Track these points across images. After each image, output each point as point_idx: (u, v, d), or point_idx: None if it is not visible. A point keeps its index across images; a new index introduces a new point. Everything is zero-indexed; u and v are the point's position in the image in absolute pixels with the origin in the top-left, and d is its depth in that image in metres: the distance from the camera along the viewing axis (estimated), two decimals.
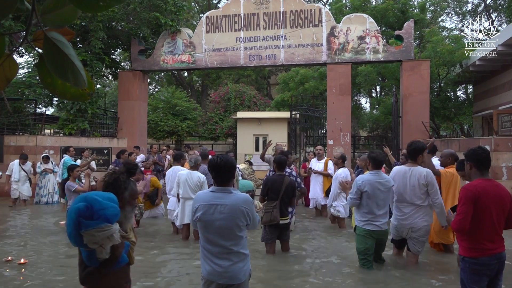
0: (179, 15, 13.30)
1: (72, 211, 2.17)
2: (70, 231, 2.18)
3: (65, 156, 9.47)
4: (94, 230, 2.13)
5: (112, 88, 31.85)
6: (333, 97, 11.97)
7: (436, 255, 5.50)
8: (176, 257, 5.62)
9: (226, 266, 2.67)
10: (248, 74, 26.92)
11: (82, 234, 2.14)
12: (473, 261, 3.06)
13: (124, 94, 13.46)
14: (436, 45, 15.03)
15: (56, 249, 5.93)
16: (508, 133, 10.72)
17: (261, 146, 18.80)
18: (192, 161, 6.54)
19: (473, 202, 3.01)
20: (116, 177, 2.49)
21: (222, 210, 2.66)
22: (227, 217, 2.65)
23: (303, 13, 12.20)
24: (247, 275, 2.76)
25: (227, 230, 2.66)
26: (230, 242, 2.68)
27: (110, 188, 2.45)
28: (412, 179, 4.74)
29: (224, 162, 2.74)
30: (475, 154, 3.16)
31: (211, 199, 2.71)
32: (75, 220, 2.13)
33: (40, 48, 1.11)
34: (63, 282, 4.50)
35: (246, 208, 2.69)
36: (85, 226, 2.13)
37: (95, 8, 1.04)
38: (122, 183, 2.49)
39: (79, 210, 2.14)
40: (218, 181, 2.77)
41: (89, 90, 1.18)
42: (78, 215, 2.14)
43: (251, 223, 2.76)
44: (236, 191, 2.77)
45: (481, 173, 3.16)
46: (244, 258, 2.74)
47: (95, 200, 2.20)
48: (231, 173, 2.77)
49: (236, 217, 2.65)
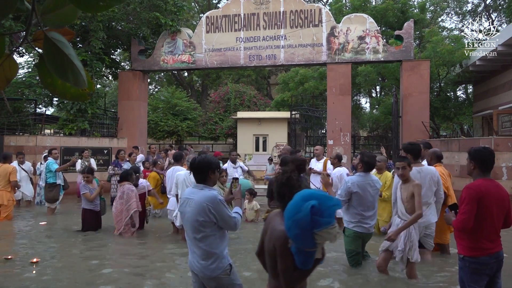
0: (179, 15, 13.31)
1: (306, 210, 1.99)
2: (298, 232, 2.01)
3: (48, 158, 9.07)
4: (328, 228, 2.01)
5: (112, 88, 31.84)
6: (333, 97, 11.97)
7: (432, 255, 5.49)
8: (176, 257, 5.62)
9: (197, 259, 2.85)
10: (248, 74, 26.91)
11: (316, 233, 2.00)
12: (473, 260, 3.07)
13: (124, 94, 13.46)
14: (436, 45, 15.03)
15: (65, 248, 5.96)
16: (508, 133, 10.72)
17: (261, 146, 18.80)
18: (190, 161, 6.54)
19: (476, 201, 3.02)
20: (288, 176, 2.37)
21: (190, 204, 2.84)
22: (191, 211, 2.81)
23: (303, 13, 12.21)
24: (219, 272, 2.80)
25: (192, 223, 2.81)
26: (196, 235, 2.81)
27: (284, 188, 2.35)
28: (426, 178, 4.82)
29: (197, 163, 2.94)
30: (480, 155, 3.14)
31: (188, 193, 2.94)
32: (310, 219, 1.98)
33: (40, 48, 1.11)
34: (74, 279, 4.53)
35: (208, 205, 2.75)
36: (320, 225, 1.99)
37: (95, 8, 1.04)
38: (295, 181, 2.36)
39: (314, 208, 1.99)
40: (195, 178, 2.96)
41: (89, 90, 1.18)
42: (313, 213, 1.98)
43: (220, 221, 2.79)
44: (209, 188, 2.88)
45: (483, 174, 3.15)
46: (211, 256, 2.80)
47: (324, 197, 2.08)
48: (203, 172, 2.90)
49: (197, 213, 2.77)
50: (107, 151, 12.82)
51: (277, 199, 2.40)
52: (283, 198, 2.31)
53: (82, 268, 4.96)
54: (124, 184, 6.79)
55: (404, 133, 11.53)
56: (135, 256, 5.58)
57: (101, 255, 5.63)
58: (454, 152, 9.78)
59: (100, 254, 5.68)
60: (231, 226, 2.85)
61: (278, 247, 2.16)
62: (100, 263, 5.20)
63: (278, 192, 2.36)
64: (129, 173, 6.99)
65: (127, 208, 6.60)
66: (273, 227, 2.27)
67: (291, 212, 2.06)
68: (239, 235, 6.85)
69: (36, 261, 5.20)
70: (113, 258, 5.56)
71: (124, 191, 6.68)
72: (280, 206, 2.38)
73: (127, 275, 4.71)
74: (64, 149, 11.85)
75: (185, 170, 6.55)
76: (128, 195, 6.64)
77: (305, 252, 2.07)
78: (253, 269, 4.84)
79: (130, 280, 4.55)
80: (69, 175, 10.28)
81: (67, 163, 9.21)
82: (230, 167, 8.99)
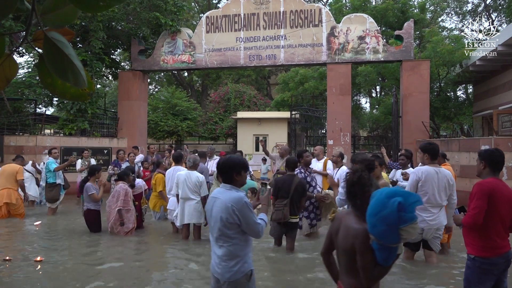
0: (179, 15, 13.31)
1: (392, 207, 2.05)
2: (385, 228, 2.06)
3: (49, 158, 9.11)
4: (413, 223, 2.05)
5: (112, 88, 31.85)
6: (333, 97, 11.97)
7: None
8: (177, 257, 5.63)
9: (218, 261, 2.78)
10: (248, 74, 26.92)
11: (401, 229, 2.05)
12: (484, 260, 3.06)
13: (124, 94, 13.46)
14: (436, 45, 15.03)
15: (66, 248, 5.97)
16: (508, 133, 10.72)
17: (261, 146, 18.82)
18: (191, 161, 6.54)
19: (487, 197, 3.05)
20: (359, 175, 2.39)
21: (216, 204, 2.80)
22: (217, 210, 2.78)
23: (303, 13, 12.21)
24: (240, 276, 2.74)
25: (216, 223, 2.78)
26: (219, 235, 2.77)
27: (356, 186, 2.36)
28: (443, 179, 4.76)
29: (221, 163, 2.89)
30: (491, 155, 3.20)
31: (216, 193, 2.89)
32: (397, 215, 2.03)
33: (40, 48, 1.11)
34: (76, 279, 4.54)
35: (233, 206, 2.71)
36: (405, 221, 2.04)
37: (95, 8, 1.04)
38: (366, 180, 2.38)
39: (400, 204, 2.04)
40: (222, 178, 2.91)
41: (89, 90, 1.18)
42: (399, 209, 2.03)
43: (244, 224, 2.72)
44: (236, 190, 2.82)
45: (493, 174, 3.21)
46: (234, 258, 2.74)
47: (407, 193, 2.12)
48: (227, 173, 2.84)
49: (222, 213, 2.74)
50: (107, 151, 12.82)
51: (348, 198, 2.43)
52: (354, 197, 2.36)
53: (82, 268, 4.96)
54: (119, 183, 6.83)
55: (404, 133, 11.53)
56: (135, 255, 5.58)
57: (102, 255, 5.63)
58: (454, 152, 9.78)
59: (100, 254, 5.69)
60: (255, 232, 2.77)
61: (358, 245, 2.20)
62: (101, 263, 5.20)
63: (350, 191, 2.39)
64: (126, 173, 7.00)
65: (115, 207, 6.61)
66: (348, 226, 2.31)
67: (375, 210, 2.12)
68: None
69: (40, 259, 5.23)
70: (114, 258, 5.56)
71: (116, 189, 6.73)
72: (351, 205, 2.41)
73: (127, 275, 4.71)
74: (64, 149, 11.85)
75: (186, 170, 6.56)
76: (118, 193, 6.63)
77: (389, 248, 2.12)
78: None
79: (130, 279, 4.55)
80: (70, 175, 10.27)
81: (65, 163, 9.23)
82: None
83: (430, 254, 4.95)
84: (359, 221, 2.27)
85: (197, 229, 6.44)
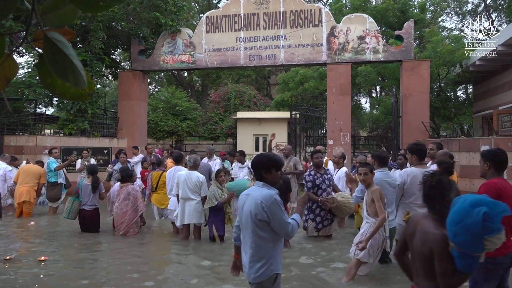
0: (179, 15, 13.30)
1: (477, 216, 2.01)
2: (468, 238, 2.02)
3: (49, 158, 9.22)
4: (499, 234, 2.02)
5: (112, 88, 31.84)
6: (333, 97, 11.97)
7: None
8: (177, 257, 5.63)
9: (246, 260, 2.78)
10: (248, 74, 26.91)
11: (486, 240, 2.02)
12: (490, 260, 3.06)
13: (124, 94, 13.46)
14: (436, 45, 15.03)
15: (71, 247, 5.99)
16: (508, 133, 10.72)
17: (261, 146, 18.80)
18: (191, 161, 6.54)
19: (496, 197, 3.05)
20: (438, 179, 2.34)
21: (247, 201, 2.80)
22: (247, 207, 2.77)
23: (303, 13, 12.20)
24: (264, 278, 2.71)
25: (247, 220, 2.77)
26: (249, 233, 2.75)
27: (434, 190, 2.32)
28: None
29: (253, 161, 2.92)
30: (496, 156, 3.22)
31: (248, 190, 2.90)
32: (482, 225, 1.99)
33: (40, 48, 1.11)
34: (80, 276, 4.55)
35: (262, 202, 2.67)
36: (491, 231, 2.01)
37: (95, 8, 1.04)
38: (446, 184, 2.32)
39: (486, 214, 2.00)
40: (255, 176, 2.93)
41: (89, 90, 1.18)
42: (484, 219, 2.00)
43: (273, 222, 2.68)
44: (267, 187, 2.81)
45: (498, 174, 3.23)
46: (261, 259, 2.71)
47: (493, 203, 2.08)
48: (257, 171, 2.84)
49: (251, 207, 2.73)
50: (107, 151, 12.82)
51: (426, 201, 2.38)
52: (433, 201, 2.32)
53: (86, 268, 4.96)
54: (127, 185, 6.73)
55: (404, 133, 11.53)
56: (136, 255, 5.58)
57: (102, 254, 5.63)
58: (454, 152, 9.76)
59: (101, 253, 5.69)
60: (285, 230, 2.72)
61: (437, 250, 2.18)
62: (101, 262, 5.20)
63: (427, 194, 2.35)
64: (131, 173, 6.94)
65: (135, 209, 6.58)
66: (425, 230, 2.28)
67: (458, 218, 2.08)
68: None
69: (44, 259, 5.25)
70: (114, 257, 5.56)
71: (130, 192, 6.62)
72: (428, 209, 2.37)
73: (127, 274, 4.71)
74: (64, 149, 11.84)
75: (186, 170, 6.56)
76: (135, 196, 6.63)
77: (471, 256, 2.09)
78: None
79: (130, 279, 4.55)
80: (70, 175, 10.27)
81: (65, 162, 9.26)
82: (236, 167, 9.07)
83: None
84: (437, 226, 2.23)
85: (197, 229, 6.43)
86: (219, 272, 4.81)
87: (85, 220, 6.97)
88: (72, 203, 6.87)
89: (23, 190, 8.27)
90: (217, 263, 5.18)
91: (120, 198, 6.65)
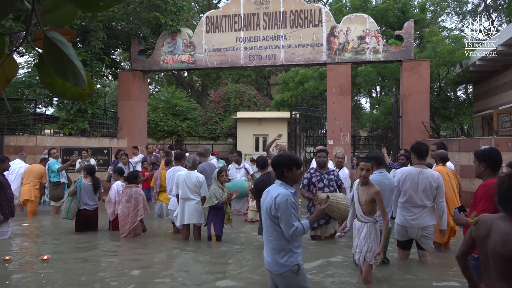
0: (179, 15, 13.30)
1: None
2: None
3: (49, 159, 9.22)
4: None
5: (112, 88, 31.84)
6: (333, 97, 11.97)
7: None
8: (177, 256, 5.63)
9: (267, 253, 3.00)
10: (248, 74, 26.91)
11: None
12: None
13: (124, 94, 13.46)
14: (436, 45, 15.03)
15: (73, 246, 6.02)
16: (508, 133, 10.72)
17: (261, 146, 18.80)
18: (190, 161, 6.53)
19: (493, 199, 3.05)
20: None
21: (267, 197, 3.01)
22: (266, 203, 2.99)
23: (303, 13, 12.20)
24: (286, 269, 2.88)
25: (266, 215, 2.98)
26: (268, 227, 2.96)
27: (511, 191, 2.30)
28: (424, 180, 4.77)
29: (275, 159, 3.13)
30: (492, 156, 3.22)
31: (269, 188, 3.10)
32: None
33: (40, 48, 1.11)
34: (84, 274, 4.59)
35: (276, 199, 2.86)
36: None
37: (95, 8, 1.04)
38: None
39: None
40: (275, 175, 3.12)
41: (89, 90, 1.18)
42: None
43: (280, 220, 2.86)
44: (285, 186, 2.99)
45: (494, 174, 3.21)
46: (280, 251, 2.90)
47: None
48: (278, 170, 3.05)
49: (268, 203, 2.94)
50: (107, 151, 12.81)
51: (500, 202, 2.36)
52: (510, 202, 2.30)
53: (85, 267, 4.96)
54: (131, 186, 6.66)
55: (404, 133, 11.53)
56: (136, 255, 5.58)
57: (102, 254, 5.63)
58: (454, 152, 9.78)
59: (101, 253, 5.69)
60: (287, 231, 2.85)
61: None
62: (101, 262, 5.20)
63: (505, 195, 2.32)
64: (135, 175, 6.89)
65: (135, 214, 6.52)
66: (504, 231, 2.27)
67: None
68: (238, 235, 6.85)
69: (47, 258, 5.27)
70: (114, 257, 5.56)
71: (132, 195, 6.54)
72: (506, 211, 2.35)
73: (128, 274, 4.71)
74: (64, 149, 11.84)
75: (186, 170, 6.55)
76: (137, 200, 6.54)
77: None
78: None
79: (130, 279, 4.55)
80: (70, 174, 10.26)
81: (67, 162, 9.26)
82: (233, 168, 9.00)
83: (423, 254, 4.96)
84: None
85: (197, 229, 6.43)
86: (218, 272, 4.81)
87: (87, 220, 6.96)
88: (70, 203, 6.86)
89: (25, 189, 8.52)
90: (217, 263, 5.18)
91: (123, 200, 6.61)
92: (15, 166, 8.89)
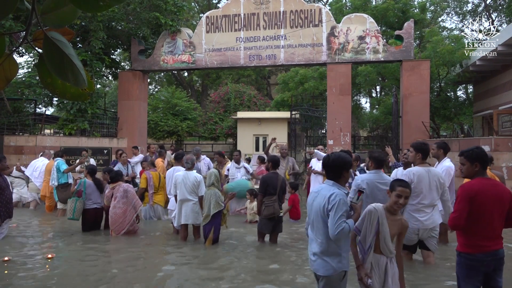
0: (179, 15, 13.30)
1: None
2: None
3: (57, 159, 9.08)
4: None
5: (112, 88, 31.85)
6: (333, 97, 11.97)
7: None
8: (177, 256, 5.63)
9: (314, 256, 2.97)
10: (248, 74, 26.91)
11: None
12: (469, 256, 3.13)
13: (124, 94, 13.46)
14: (436, 45, 15.03)
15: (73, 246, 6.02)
16: (508, 133, 10.73)
17: (261, 146, 18.80)
18: (189, 162, 6.51)
19: (469, 200, 3.08)
20: None
21: (317, 198, 3.01)
22: (317, 203, 2.99)
23: (303, 13, 12.20)
24: (332, 273, 2.88)
25: (317, 215, 2.97)
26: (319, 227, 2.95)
27: None
28: (434, 178, 4.78)
29: (331, 161, 3.06)
30: (484, 155, 3.22)
31: (318, 188, 3.12)
32: None
33: (40, 48, 1.11)
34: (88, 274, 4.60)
35: (331, 196, 2.86)
36: None
37: (95, 8, 1.04)
38: None
39: None
40: (327, 175, 3.12)
41: (89, 90, 1.18)
42: None
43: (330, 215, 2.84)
44: (338, 186, 2.98)
45: (482, 173, 3.22)
46: (329, 254, 2.89)
47: None
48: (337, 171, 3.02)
49: (321, 202, 2.93)
50: (107, 151, 12.81)
51: None
52: None
53: (89, 270, 4.97)
54: (120, 184, 6.72)
55: (404, 133, 11.53)
56: (136, 254, 5.58)
57: (102, 254, 5.63)
58: (454, 152, 9.76)
59: (101, 253, 5.69)
60: (332, 228, 2.83)
61: None
62: (101, 262, 5.20)
63: None
64: (119, 173, 6.99)
65: (134, 207, 6.60)
66: None
67: None
68: (240, 235, 6.84)
69: (52, 256, 5.28)
70: (115, 256, 5.56)
71: (126, 189, 6.64)
72: None
73: (127, 274, 4.71)
74: (64, 149, 11.83)
75: (183, 171, 6.52)
76: (132, 193, 6.69)
77: None
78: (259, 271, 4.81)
79: (130, 279, 4.55)
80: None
81: (75, 164, 9.24)
82: (233, 167, 8.98)
83: (428, 255, 4.92)
84: None
85: (197, 229, 6.42)
86: (217, 272, 4.81)
87: (96, 218, 6.99)
88: (76, 203, 6.86)
89: (44, 186, 8.86)
90: (216, 263, 5.18)
91: (116, 198, 6.59)
92: (39, 163, 9.27)
